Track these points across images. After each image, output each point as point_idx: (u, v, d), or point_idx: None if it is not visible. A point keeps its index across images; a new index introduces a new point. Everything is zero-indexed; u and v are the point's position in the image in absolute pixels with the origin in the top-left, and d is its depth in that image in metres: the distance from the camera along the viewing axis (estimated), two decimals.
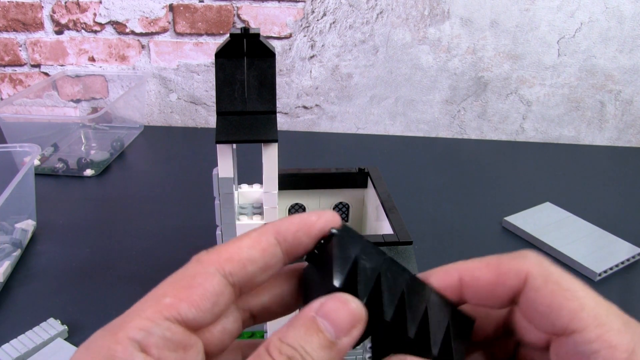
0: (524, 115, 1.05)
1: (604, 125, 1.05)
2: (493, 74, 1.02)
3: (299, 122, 1.09)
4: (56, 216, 0.74)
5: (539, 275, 0.19)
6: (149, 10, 0.99)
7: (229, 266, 0.19)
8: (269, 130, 0.43)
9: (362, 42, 1.00)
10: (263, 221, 0.47)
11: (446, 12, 0.97)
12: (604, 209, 0.79)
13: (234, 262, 0.19)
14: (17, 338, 0.50)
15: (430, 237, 0.71)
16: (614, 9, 0.94)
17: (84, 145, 0.97)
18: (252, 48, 0.42)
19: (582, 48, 0.98)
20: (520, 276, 0.20)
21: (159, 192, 0.82)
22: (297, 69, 1.03)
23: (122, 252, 0.66)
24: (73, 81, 1.06)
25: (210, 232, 0.62)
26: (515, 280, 0.20)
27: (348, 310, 0.18)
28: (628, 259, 0.65)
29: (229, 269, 0.19)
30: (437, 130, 1.08)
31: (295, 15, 0.99)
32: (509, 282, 0.20)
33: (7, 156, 0.73)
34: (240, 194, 0.52)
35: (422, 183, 0.87)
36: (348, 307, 0.18)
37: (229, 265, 0.19)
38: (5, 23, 1.01)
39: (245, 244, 0.20)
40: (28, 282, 0.60)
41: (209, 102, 1.08)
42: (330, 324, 0.18)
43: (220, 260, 0.19)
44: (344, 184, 0.56)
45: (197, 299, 0.18)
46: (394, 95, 1.05)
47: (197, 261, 0.19)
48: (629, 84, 1.01)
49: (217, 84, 0.43)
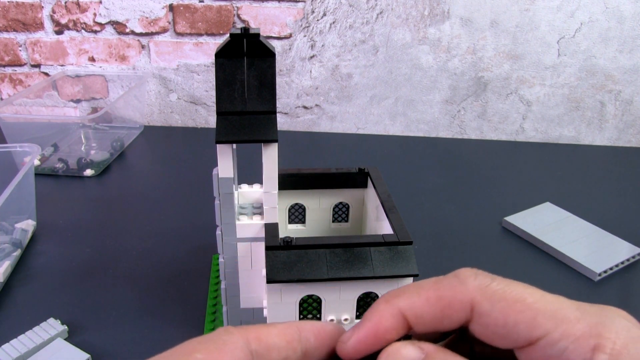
0: (524, 115, 1.05)
1: (604, 125, 1.05)
2: (493, 74, 1.02)
3: (299, 122, 1.09)
4: (56, 216, 0.74)
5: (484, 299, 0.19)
6: (149, 10, 0.99)
7: (255, 344, 0.19)
8: (269, 130, 0.43)
9: (362, 42, 1.00)
10: (263, 221, 0.47)
11: (446, 12, 0.97)
12: (604, 209, 0.79)
13: (261, 343, 0.20)
14: (17, 338, 0.50)
15: (430, 237, 0.71)
16: (614, 9, 0.94)
17: (84, 145, 0.97)
18: (252, 48, 0.42)
19: (582, 48, 0.98)
20: (465, 306, 0.19)
21: (159, 192, 0.82)
22: (297, 69, 1.03)
23: (122, 252, 0.66)
24: (73, 81, 1.06)
25: (210, 232, 0.62)
26: (462, 311, 0.19)
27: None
28: (628, 259, 0.65)
29: (255, 347, 0.19)
30: (437, 130, 1.08)
31: (295, 15, 0.99)
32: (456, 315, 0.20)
33: (7, 156, 0.73)
34: (240, 194, 0.52)
35: (422, 183, 0.87)
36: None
37: (255, 343, 0.19)
38: (5, 23, 1.01)
39: (274, 332, 0.20)
40: (28, 282, 0.60)
41: (209, 102, 1.08)
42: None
43: (249, 337, 0.19)
44: (344, 184, 0.56)
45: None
46: (394, 95, 1.05)
47: (226, 331, 0.20)
48: (629, 84, 1.01)
49: (217, 84, 0.43)
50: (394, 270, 0.43)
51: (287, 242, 0.43)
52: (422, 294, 0.20)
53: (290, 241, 0.43)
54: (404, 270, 0.43)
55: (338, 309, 0.45)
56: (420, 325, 0.20)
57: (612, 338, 0.17)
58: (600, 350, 0.17)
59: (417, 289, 0.20)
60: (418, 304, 0.20)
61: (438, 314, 0.20)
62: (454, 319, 0.20)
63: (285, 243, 0.43)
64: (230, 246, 0.48)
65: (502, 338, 0.19)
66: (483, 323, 0.19)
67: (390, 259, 0.43)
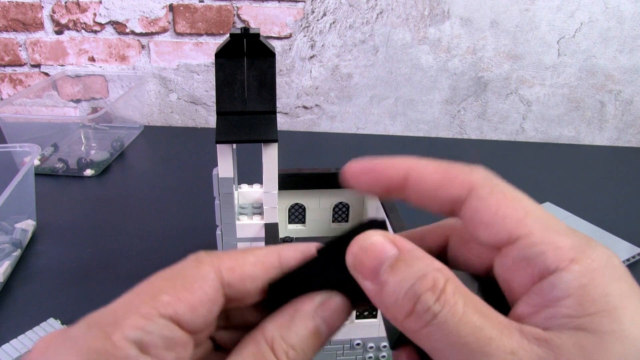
0: (524, 115, 1.05)
1: (604, 125, 1.05)
2: (493, 74, 1.02)
3: (299, 122, 1.09)
4: (56, 216, 0.74)
5: (485, 185, 0.19)
6: (149, 10, 0.99)
7: (229, 276, 0.19)
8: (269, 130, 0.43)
9: (362, 42, 1.00)
10: (263, 221, 0.47)
11: (446, 12, 0.97)
12: (604, 209, 0.79)
13: (235, 274, 0.19)
14: (17, 338, 0.50)
15: None
16: (614, 9, 0.94)
17: (84, 145, 0.97)
18: (252, 48, 0.42)
19: (582, 48, 0.98)
20: (465, 184, 0.19)
21: (159, 192, 0.82)
22: (297, 69, 1.03)
23: (122, 252, 0.66)
24: (73, 81, 1.06)
25: (210, 232, 0.62)
26: (460, 187, 0.19)
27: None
28: (628, 259, 0.66)
29: (229, 279, 0.19)
30: (437, 130, 1.08)
31: (295, 15, 0.99)
32: (454, 188, 0.19)
33: (7, 156, 0.73)
34: (240, 194, 0.52)
35: None
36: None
37: (229, 275, 0.19)
38: (5, 23, 1.01)
39: (250, 260, 0.19)
40: (28, 282, 0.60)
41: (209, 102, 1.08)
42: (329, 328, 0.19)
43: (222, 268, 0.18)
44: None
45: (195, 303, 0.17)
46: (394, 95, 1.05)
47: (197, 261, 0.19)
48: (629, 84, 1.01)
49: (217, 84, 0.43)
50: None
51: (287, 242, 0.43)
52: (435, 162, 0.21)
53: (290, 241, 0.43)
54: None
55: None
56: (416, 187, 0.20)
57: (592, 257, 0.17)
58: (576, 263, 0.17)
59: (433, 160, 0.21)
60: (426, 165, 0.20)
61: (438, 181, 0.20)
62: (451, 192, 0.19)
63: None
64: (230, 246, 0.48)
65: (486, 227, 0.18)
66: (475, 206, 0.19)
67: None
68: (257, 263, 0.19)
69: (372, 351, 0.49)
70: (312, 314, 0.19)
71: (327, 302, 0.19)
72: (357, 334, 0.47)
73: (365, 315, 0.47)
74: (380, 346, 0.48)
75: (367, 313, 0.47)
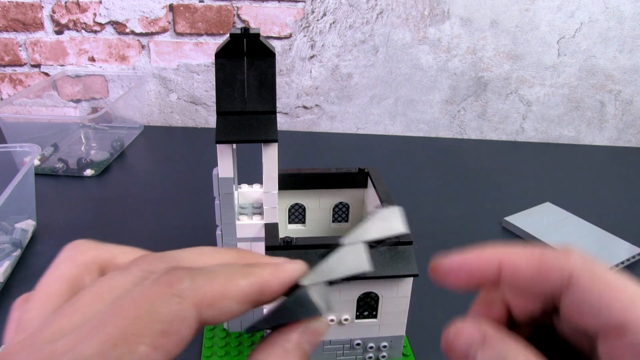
0: (524, 115, 1.05)
1: (603, 125, 1.05)
2: (493, 74, 1.02)
3: (299, 122, 1.09)
4: (56, 216, 0.74)
5: (585, 272, 0.19)
6: (149, 10, 0.99)
7: (209, 313, 0.17)
8: (269, 130, 0.43)
9: (362, 42, 1.00)
10: (263, 221, 0.47)
11: (446, 12, 0.97)
12: (604, 209, 0.79)
13: (214, 310, 0.17)
14: None
15: (430, 237, 0.71)
16: (614, 9, 0.94)
17: (84, 145, 0.97)
18: (252, 48, 0.42)
19: (582, 48, 0.98)
20: (563, 274, 0.19)
21: (159, 192, 0.82)
22: (297, 69, 1.03)
23: None
24: (73, 81, 1.06)
25: (210, 232, 0.62)
26: (558, 278, 0.19)
27: None
28: (628, 259, 0.66)
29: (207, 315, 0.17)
30: (437, 130, 1.08)
31: (295, 15, 0.99)
32: (552, 280, 0.19)
33: (7, 156, 0.73)
34: (240, 194, 0.52)
35: (422, 183, 0.87)
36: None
37: (209, 311, 0.17)
38: (5, 23, 1.01)
39: (235, 294, 0.18)
40: (28, 282, 0.60)
41: (209, 102, 1.08)
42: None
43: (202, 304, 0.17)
44: (344, 184, 0.56)
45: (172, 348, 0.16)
46: (394, 95, 1.05)
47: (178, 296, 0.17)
48: (629, 84, 1.01)
49: (217, 84, 0.43)
50: (394, 270, 0.43)
51: (287, 242, 0.43)
52: (527, 250, 0.20)
53: (290, 241, 0.43)
54: (404, 270, 0.43)
55: (338, 309, 0.45)
56: (511, 279, 0.20)
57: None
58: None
59: (524, 248, 0.20)
60: (518, 256, 0.20)
61: (534, 273, 0.19)
62: (548, 283, 0.19)
63: (285, 243, 0.43)
64: (230, 246, 0.48)
65: (590, 315, 0.18)
66: (577, 296, 0.18)
67: (390, 259, 0.43)
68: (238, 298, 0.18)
69: (372, 351, 0.49)
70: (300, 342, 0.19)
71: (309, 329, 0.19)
72: (357, 334, 0.47)
73: (365, 315, 0.47)
74: (380, 346, 0.48)
75: (367, 313, 0.47)
